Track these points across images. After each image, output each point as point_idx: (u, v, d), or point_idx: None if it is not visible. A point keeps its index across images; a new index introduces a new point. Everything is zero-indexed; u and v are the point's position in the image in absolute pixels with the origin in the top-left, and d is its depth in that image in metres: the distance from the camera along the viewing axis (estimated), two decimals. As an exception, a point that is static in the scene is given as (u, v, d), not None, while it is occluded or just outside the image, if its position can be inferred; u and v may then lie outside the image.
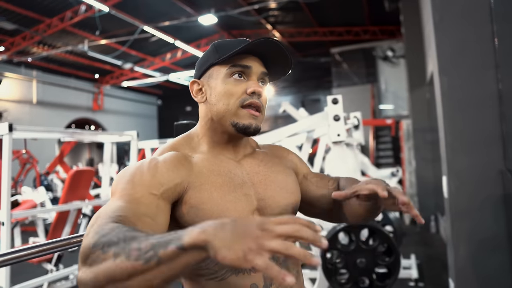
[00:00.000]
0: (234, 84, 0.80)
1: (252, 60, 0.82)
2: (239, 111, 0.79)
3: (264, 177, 0.85)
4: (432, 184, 5.94)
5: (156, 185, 0.70)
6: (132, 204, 0.66)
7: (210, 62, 0.83)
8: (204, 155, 0.82)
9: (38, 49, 10.62)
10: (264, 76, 0.84)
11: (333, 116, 2.44)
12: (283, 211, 0.83)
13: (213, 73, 0.83)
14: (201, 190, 0.75)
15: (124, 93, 15.56)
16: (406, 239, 4.94)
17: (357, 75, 11.58)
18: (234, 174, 0.81)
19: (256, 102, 0.80)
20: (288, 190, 0.86)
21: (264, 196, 0.82)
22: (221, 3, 8.93)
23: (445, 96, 2.35)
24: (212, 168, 0.79)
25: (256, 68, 0.82)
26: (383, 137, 9.75)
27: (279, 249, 0.46)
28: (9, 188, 2.79)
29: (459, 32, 2.36)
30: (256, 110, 0.80)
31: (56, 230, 3.78)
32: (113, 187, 0.73)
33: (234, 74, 0.81)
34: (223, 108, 0.80)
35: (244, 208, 0.77)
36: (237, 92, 0.80)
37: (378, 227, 2.33)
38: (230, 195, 0.77)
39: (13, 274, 2.83)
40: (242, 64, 0.80)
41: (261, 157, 0.89)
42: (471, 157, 2.31)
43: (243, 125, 0.79)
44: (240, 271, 0.74)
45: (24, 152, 7.06)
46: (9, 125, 2.81)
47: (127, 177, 0.72)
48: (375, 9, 9.53)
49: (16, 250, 0.90)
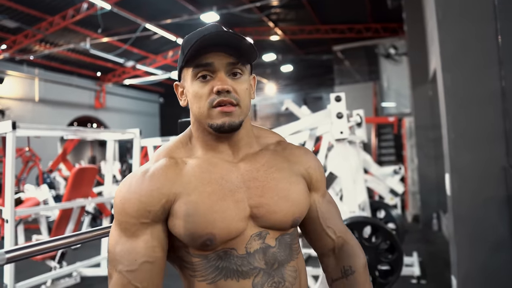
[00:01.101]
0: (200, 85, 0.77)
1: (214, 54, 0.76)
2: (211, 112, 0.76)
3: (262, 183, 0.79)
4: (434, 181, 5.93)
5: (144, 213, 0.74)
6: (132, 242, 0.74)
7: (180, 65, 0.82)
8: (198, 160, 0.80)
9: (40, 47, 10.63)
10: (234, 66, 0.77)
11: (336, 113, 2.44)
12: (280, 222, 0.78)
13: (185, 75, 0.81)
14: (188, 202, 0.74)
15: (126, 91, 15.58)
16: (408, 237, 4.94)
17: (359, 72, 11.55)
18: (226, 180, 0.78)
19: (225, 100, 0.75)
20: (289, 199, 0.80)
21: (258, 204, 0.77)
22: (223, 1, 8.92)
23: (448, 93, 2.35)
24: (202, 176, 0.77)
25: (219, 62, 0.75)
26: (386, 135, 9.73)
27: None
28: (12, 186, 2.80)
29: (462, 29, 2.35)
30: (228, 105, 0.75)
31: (59, 227, 3.79)
32: (114, 204, 0.78)
33: (198, 75, 0.77)
34: (197, 112, 0.78)
35: (234, 218, 0.75)
36: (204, 94, 0.76)
37: (381, 225, 2.33)
38: (217, 205, 0.74)
39: (17, 271, 2.85)
40: (202, 63, 0.76)
41: (265, 159, 0.83)
42: (474, 154, 2.31)
43: (216, 125, 0.76)
44: (229, 276, 0.74)
45: (27, 150, 7.08)
46: (13, 123, 2.82)
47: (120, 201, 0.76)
48: (377, 7, 9.50)
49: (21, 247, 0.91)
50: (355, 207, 2.55)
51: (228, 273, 0.74)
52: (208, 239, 0.73)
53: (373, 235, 2.35)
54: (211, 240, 0.73)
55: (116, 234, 0.76)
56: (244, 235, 0.76)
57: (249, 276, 0.75)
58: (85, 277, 4.12)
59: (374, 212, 3.46)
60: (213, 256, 0.75)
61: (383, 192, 4.21)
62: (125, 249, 0.73)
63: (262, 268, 0.76)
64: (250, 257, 0.75)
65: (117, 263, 0.73)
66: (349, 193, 2.56)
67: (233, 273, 0.74)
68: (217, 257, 0.75)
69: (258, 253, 0.76)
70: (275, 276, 0.77)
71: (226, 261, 0.75)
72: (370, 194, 6.00)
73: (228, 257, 0.75)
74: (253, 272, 0.75)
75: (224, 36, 0.75)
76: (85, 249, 4.89)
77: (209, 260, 0.75)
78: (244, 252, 0.75)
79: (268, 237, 0.78)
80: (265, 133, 0.91)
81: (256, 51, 0.78)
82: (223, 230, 0.73)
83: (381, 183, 4.17)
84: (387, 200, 4.25)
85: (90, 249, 4.81)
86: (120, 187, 0.78)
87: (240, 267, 0.74)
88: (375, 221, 2.38)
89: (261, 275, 0.75)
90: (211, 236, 0.73)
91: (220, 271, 0.75)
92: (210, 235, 0.72)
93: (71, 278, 3.93)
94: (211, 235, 0.73)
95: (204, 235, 0.72)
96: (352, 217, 2.39)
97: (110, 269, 0.74)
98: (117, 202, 0.76)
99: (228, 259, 0.75)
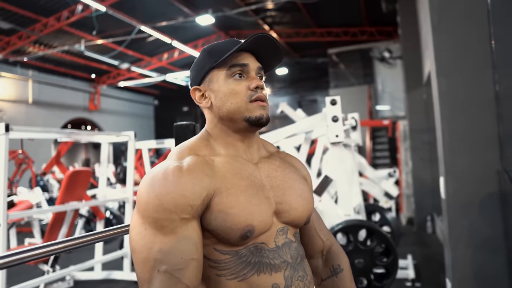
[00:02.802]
0: (236, 83, 0.83)
1: (247, 57, 0.85)
2: (249, 106, 0.82)
3: (282, 182, 0.86)
4: (428, 184, 5.96)
5: (186, 208, 0.72)
6: (171, 240, 0.71)
7: (207, 67, 0.85)
8: (224, 158, 0.83)
9: (34, 49, 10.56)
10: (260, 71, 0.87)
11: (331, 117, 2.44)
12: (299, 218, 0.85)
13: (213, 77, 0.85)
14: (228, 194, 0.76)
15: (121, 93, 15.52)
16: (403, 240, 4.96)
17: (354, 75, 11.60)
18: (255, 177, 0.83)
19: (261, 95, 0.83)
20: (304, 197, 0.87)
21: (282, 200, 0.83)
22: (218, 4, 8.92)
23: (443, 97, 2.36)
24: (235, 171, 0.80)
25: (252, 64, 0.85)
26: (380, 138, 9.77)
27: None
28: (5, 189, 2.77)
29: (457, 34, 2.37)
30: (263, 101, 0.84)
31: (53, 231, 3.76)
32: (141, 201, 0.73)
33: (234, 74, 0.83)
34: (233, 107, 0.82)
35: (267, 210, 0.79)
36: (242, 90, 0.83)
37: (376, 228, 2.34)
38: (254, 198, 0.78)
39: (9, 275, 2.81)
40: (239, 63, 0.83)
41: (278, 162, 0.90)
42: (469, 157, 2.32)
43: (255, 117, 0.82)
44: (262, 270, 0.76)
45: (20, 152, 7.02)
46: (6, 125, 2.79)
47: (156, 196, 0.72)
48: (372, 10, 9.55)
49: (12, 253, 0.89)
50: (350, 210, 2.55)
51: (261, 268, 0.76)
52: (248, 231, 0.75)
53: (369, 238, 2.35)
54: (251, 232, 0.75)
55: (149, 233, 0.71)
56: (272, 230, 0.80)
57: (280, 269, 0.77)
58: (79, 281, 4.08)
59: (369, 215, 3.47)
60: (244, 251, 0.76)
61: (378, 195, 4.22)
62: (167, 248, 0.70)
63: (289, 262, 0.79)
64: (280, 250, 0.79)
65: (160, 263, 0.69)
66: (344, 196, 2.57)
67: (266, 266, 0.76)
68: (249, 252, 0.76)
69: (285, 247, 0.80)
70: (299, 270, 0.81)
71: (258, 256, 0.76)
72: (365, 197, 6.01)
73: (259, 251, 0.77)
74: (283, 265, 0.78)
75: (267, 42, 0.83)
76: (79, 252, 4.85)
77: (240, 256, 0.76)
78: (274, 246, 0.79)
79: (289, 232, 0.83)
80: (267, 143, 0.98)
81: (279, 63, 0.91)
82: (261, 223, 0.77)
83: (375, 186, 4.18)
84: (382, 203, 4.26)
85: (83, 252, 4.77)
86: (150, 183, 0.74)
87: (273, 260, 0.77)
88: (370, 224, 2.38)
89: (289, 269, 0.78)
90: (251, 228, 0.75)
91: (252, 266, 0.76)
92: (250, 226, 0.75)
93: (64, 282, 3.89)
94: (251, 227, 0.75)
95: (245, 226, 0.75)
96: (348, 221, 2.39)
97: (148, 271, 0.69)
98: (150, 199, 0.72)
99: (260, 253, 0.77)
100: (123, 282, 4.01)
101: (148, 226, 0.72)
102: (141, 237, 0.72)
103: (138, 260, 0.71)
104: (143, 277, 0.70)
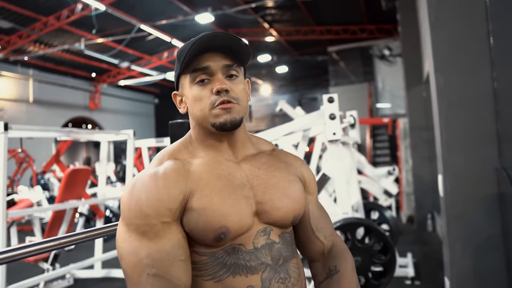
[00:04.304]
0: (199, 89, 0.80)
1: (210, 57, 0.80)
2: (213, 111, 0.79)
3: (265, 181, 0.83)
4: (429, 182, 5.95)
5: (165, 212, 0.74)
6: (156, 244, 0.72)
7: (177, 74, 0.85)
8: (203, 159, 0.82)
9: (35, 48, 10.56)
10: (230, 68, 0.81)
11: (329, 115, 2.44)
12: (282, 218, 0.82)
13: (183, 82, 0.84)
14: (202, 196, 0.76)
15: (121, 91, 15.51)
16: (402, 238, 4.96)
17: (354, 73, 11.58)
18: (234, 176, 0.81)
19: (224, 99, 0.78)
20: (290, 196, 0.84)
21: (262, 200, 0.81)
22: (218, 2, 8.91)
23: (441, 94, 2.36)
24: (211, 172, 0.80)
25: (215, 64, 0.79)
26: (380, 136, 9.77)
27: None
28: (4, 187, 2.78)
29: (454, 30, 2.36)
30: (228, 103, 0.79)
31: (53, 229, 3.77)
32: (124, 212, 0.75)
33: (197, 79, 0.80)
34: (198, 114, 0.81)
35: (245, 211, 0.78)
36: (205, 96, 0.80)
37: (374, 226, 2.34)
38: (230, 198, 0.77)
39: (9, 273, 2.82)
40: (199, 67, 0.80)
41: (263, 160, 0.87)
42: (467, 155, 2.32)
43: (219, 123, 0.79)
44: (237, 272, 0.75)
45: (20, 151, 7.04)
46: (5, 124, 2.80)
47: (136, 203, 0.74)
48: (372, 8, 9.53)
49: (11, 249, 0.90)
50: (348, 208, 2.55)
51: (237, 269, 0.75)
52: (222, 233, 0.74)
53: (366, 236, 2.36)
54: (224, 234, 0.74)
55: (134, 239, 0.73)
56: (252, 231, 0.78)
57: (257, 271, 0.76)
58: (78, 279, 4.09)
59: (368, 213, 3.47)
60: (220, 253, 0.76)
61: (377, 193, 4.23)
62: (153, 252, 0.72)
63: (269, 264, 0.78)
64: (258, 252, 0.77)
65: (148, 267, 0.71)
66: (342, 194, 2.57)
67: (242, 268, 0.75)
68: (225, 254, 0.76)
69: (265, 249, 0.78)
70: (281, 272, 0.79)
71: (234, 257, 0.76)
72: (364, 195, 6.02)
73: (236, 253, 0.76)
74: (261, 267, 0.77)
75: (218, 38, 0.78)
76: (79, 250, 4.86)
77: (217, 258, 0.76)
78: (252, 247, 0.77)
79: (272, 233, 0.80)
80: (261, 140, 0.95)
81: (250, 52, 0.82)
82: (236, 224, 0.75)
83: (375, 184, 4.18)
84: (382, 201, 4.26)
85: (83, 250, 4.79)
86: (131, 191, 0.76)
87: (249, 262, 0.76)
88: (368, 222, 2.38)
89: (268, 271, 0.77)
90: (225, 230, 0.74)
91: (228, 267, 0.75)
92: (224, 228, 0.74)
93: (64, 280, 3.91)
94: (225, 228, 0.74)
95: (218, 228, 0.74)
96: (346, 219, 2.39)
97: (136, 276, 0.71)
98: (131, 206, 0.74)
99: (236, 255, 0.76)
100: (122, 280, 4.01)
101: (133, 233, 0.73)
102: (127, 244, 0.73)
103: (127, 267, 0.72)
104: (134, 283, 0.71)
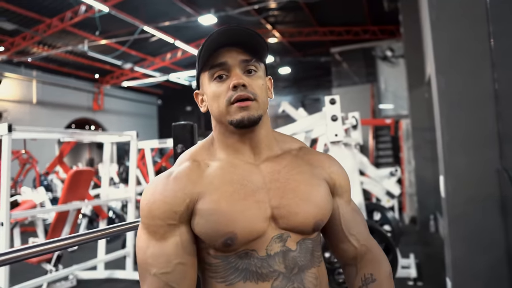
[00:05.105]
0: (217, 85, 0.79)
1: (227, 53, 0.78)
2: (229, 109, 0.77)
3: (283, 185, 0.79)
4: (431, 183, 5.93)
5: (170, 214, 0.75)
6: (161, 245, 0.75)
7: (197, 72, 0.84)
8: (221, 162, 0.81)
9: (38, 49, 10.62)
10: (248, 64, 0.79)
11: (330, 116, 2.45)
12: (301, 224, 0.78)
13: (203, 80, 0.83)
14: (210, 200, 0.76)
15: (124, 93, 15.57)
16: (405, 238, 4.95)
17: (357, 74, 11.57)
18: (248, 180, 0.78)
19: (242, 94, 0.76)
20: (311, 201, 0.79)
21: (279, 205, 0.77)
22: (221, 3, 8.92)
23: (442, 96, 2.36)
24: (224, 177, 0.78)
25: (232, 60, 0.77)
26: (383, 137, 9.75)
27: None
28: (8, 188, 2.80)
29: (455, 32, 2.37)
30: (245, 100, 0.77)
31: (56, 230, 3.79)
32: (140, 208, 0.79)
33: (214, 76, 0.79)
34: (216, 111, 0.80)
35: (255, 217, 0.75)
36: (222, 92, 0.78)
37: (375, 227, 2.34)
38: (238, 204, 0.75)
39: (12, 274, 2.84)
40: (216, 63, 0.78)
41: (286, 162, 0.83)
42: (468, 156, 2.32)
43: (236, 121, 0.77)
44: (248, 278, 0.75)
45: (23, 152, 7.08)
46: (9, 126, 2.82)
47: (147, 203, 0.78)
48: (374, 9, 9.52)
49: (14, 250, 0.91)
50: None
51: (247, 275, 0.74)
52: (228, 238, 0.73)
53: (368, 237, 2.36)
54: (232, 240, 0.73)
55: (145, 237, 0.77)
56: (265, 237, 0.76)
57: (268, 279, 0.74)
58: (81, 280, 4.11)
59: (370, 214, 3.47)
60: (233, 257, 0.75)
61: (380, 194, 4.22)
62: (156, 252, 0.75)
63: (282, 272, 0.75)
64: (270, 259, 0.75)
65: (150, 266, 0.75)
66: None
67: (252, 275, 0.74)
68: (238, 258, 0.75)
69: (278, 256, 0.76)
70: (294, 281, 0.76)
71: (246, 263, 0.75)
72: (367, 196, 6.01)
73: (248, 258, 0.75)
74: (273, 275, 0.75)
75: (233, 33, 0.77)
76: (82, 251, 4.88)
77: (229, 262, 0.75)
78: (264, 254, 0.75)
79: (289, 240, 0.77)
80: (287, 138, 0.91)
81: (267, 46, 0.81)
82: (244, 230, 0.73)
83: (377, 185, 4.18)
84: (384, 202, 4.26)
85: (86, 251, 4.80)
86: (146, 191, 0.80)
87: (260, 269, 0.74)
88: (370, 223, 2.39)
89: (280, 279, 0.75)
90: (232, 235, 0.73)
91: (239, 272, 0.75)
92: (231, 234, 0.73)
93: (67, 281, 3.92)
94: (232, 234, 0.73)
95: (225, 234, 0.73)
96: (347, 219, 2.39)
97: (142, 273, 0.76)
98: (143, 206, 0.78)
99: (248, 261, 0.75)
100: (125, 281, 4.03)
101: (145, 231, 0.77)
102: (140, 240, 0.78)
103: (138, 261, 0.77)
104: (140, 277, 0.76)
